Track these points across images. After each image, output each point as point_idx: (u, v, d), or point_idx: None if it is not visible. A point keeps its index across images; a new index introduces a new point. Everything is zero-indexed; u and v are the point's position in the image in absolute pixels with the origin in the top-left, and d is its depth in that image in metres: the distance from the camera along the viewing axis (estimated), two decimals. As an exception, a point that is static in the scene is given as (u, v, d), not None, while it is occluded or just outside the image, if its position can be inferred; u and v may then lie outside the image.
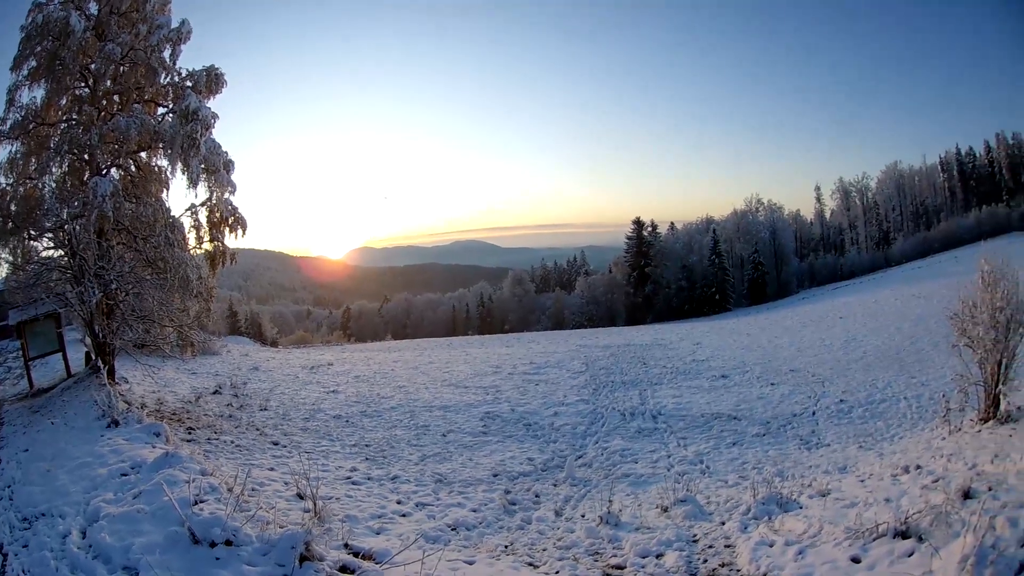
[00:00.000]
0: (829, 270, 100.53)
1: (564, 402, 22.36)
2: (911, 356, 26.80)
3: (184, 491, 8.25)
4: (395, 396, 23.28)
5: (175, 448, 11.35)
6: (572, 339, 45.27)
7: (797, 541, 8.08)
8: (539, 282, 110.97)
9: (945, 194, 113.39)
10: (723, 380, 25.83)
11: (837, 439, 17.56)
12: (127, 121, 18.71)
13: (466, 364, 31.29)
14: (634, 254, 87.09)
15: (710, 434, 18.35)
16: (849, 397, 21.81)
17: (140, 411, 14.91)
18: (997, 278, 13.54)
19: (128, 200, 19.25)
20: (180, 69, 20.50)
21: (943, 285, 38.11)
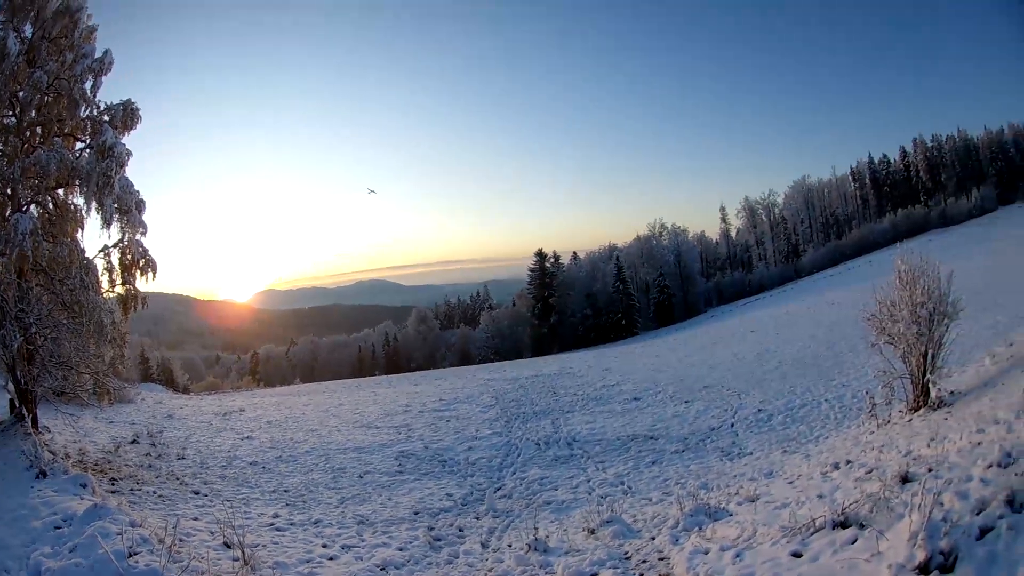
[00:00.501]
0: (737, 287, 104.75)
1: (477, 436, 22.65)
2: (828, 361, 27.79)
3: (118, 543, 8.48)
4: (308, 440, 23.41)
5: (102, 500, 11.39)
6: (480, 374, 46.07)
7: (733, 545, 7.93)
8: (443, 319, 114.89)
9: (857, 202, 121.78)
10: (636, 402, 26.47)
11: (759, 447, 17.99)
12: (47, 155, 17.55)
13: (376, 404, 31.74)
14: (537, 286, 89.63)
15: (628, 456, 18.73)
16: (767, 406, 22.47)
17: (65, 461, 14.83)
18: (916, 275, 14.21)
19: (46, 239, 18.26)
20: (99, 102, 19.42)
21: (857, 290, 39.63)
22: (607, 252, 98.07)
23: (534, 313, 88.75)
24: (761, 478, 13.88)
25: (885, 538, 6.00)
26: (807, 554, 6.85)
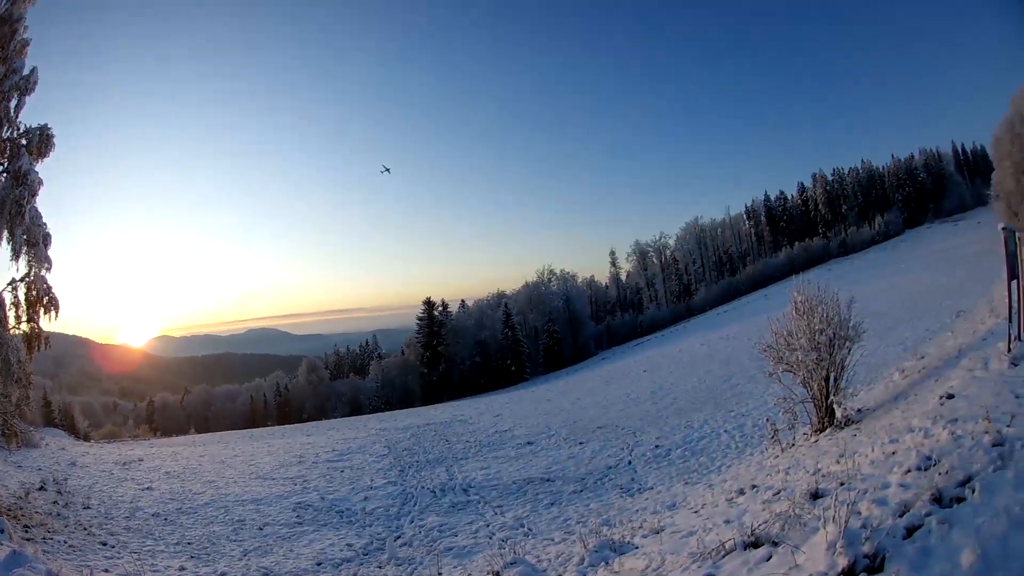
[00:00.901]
0: (628, 328, 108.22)
1: (372, 486, 22.76)
2: (726, 393, 28.50)
3: (39, 593, 8.27)
4: (207, 492, 23.28)
5: (20, 547, 11.28)
6: (371, 423, 47.10)
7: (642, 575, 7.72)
8: (333, 369, 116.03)
9: (751, 239, 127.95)
10: (529, 447, 26.73)
11: (660, 481, 18.15)
12: (-35, 179, 16.57)
13: (270, 456, 31.86)
14: (426, 334, 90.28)
15: (526, 499, 18.89)
16: (664, 441, 22.86)
17: (-21, 507, 14.55)
18: (814, 304, 14.65)
19: (-46, 271, 17.22)
20: (19, 124, 18.29)
21: (752, 323, 41.05)
22: (495, 299, 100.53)
23: (423, 362, 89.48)
24: (664, 510, 13.90)
25: (801, 551, 5.94)
26: (720, 576, 6.70)
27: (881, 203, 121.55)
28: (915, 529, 5.54)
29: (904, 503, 6.14)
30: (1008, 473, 6.08)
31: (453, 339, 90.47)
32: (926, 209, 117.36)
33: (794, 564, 5.84)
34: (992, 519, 5.20)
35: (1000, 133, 55.01)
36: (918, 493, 6.19)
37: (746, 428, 21.51)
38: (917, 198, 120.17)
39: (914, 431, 9.09)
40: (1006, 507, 5.32)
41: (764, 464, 14.75)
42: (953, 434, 7.78)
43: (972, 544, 4.92)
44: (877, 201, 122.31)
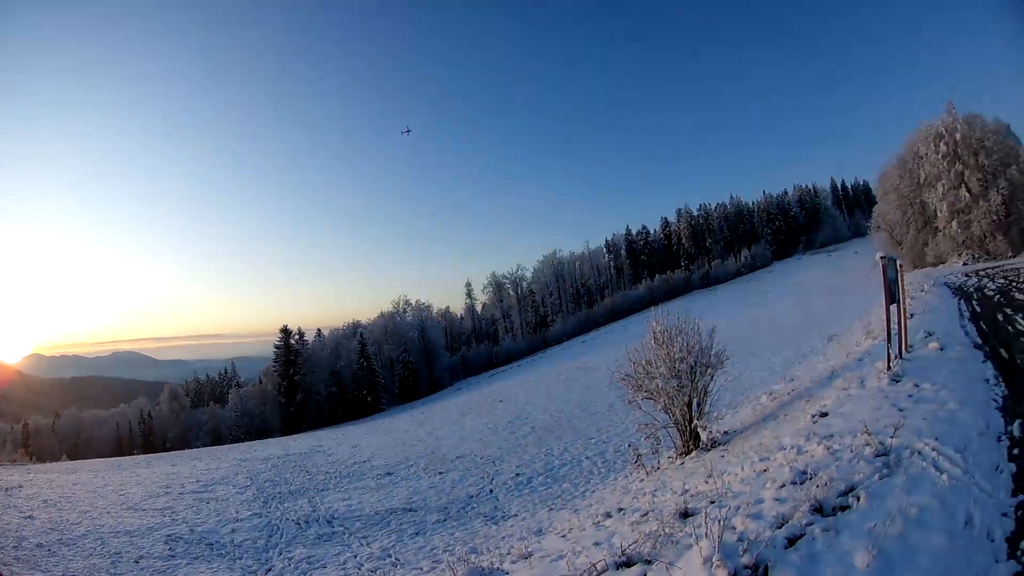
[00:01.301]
0: (483, 359, 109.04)
1: (238, 518, 22.37)
2: (584, 421, 28.95)
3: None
4: (83, 522, 22.51)
5: None
6: (232, 453, 47.04)
7: (515, 600, 7.58)
8: (194, 396, 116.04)
9: (610, 272, 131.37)
10: (389, 477, 26.73)
11: (524, 508, 18.17)
12: None
13: (138, 486, 31.04)
14: (283, 363, 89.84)
15: (390, 529, 18.82)
16: (525, 469, 22.96)
17: None
18: (674, 334, 14.98)
19: None
20: None
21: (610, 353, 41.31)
22: (351, 329, 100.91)
23: (281, 391, 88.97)
24: (531, 536, 13.81)
25: (677, 567, 5.92)
26: (593, 598, 6.62)
27: (749, 237, 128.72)
28: (797, 538, 5.67)
29: (781, 515, 6.28)
30: (898, 479, 6.36)
31: (310, 369, 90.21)
32: (797, 241, 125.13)
33: (670, 580, 5.79)
34: (886, 521, 5.40)
35: (888, 169, 59.47)
36: (796, 505, 6.35)
37: (608, 454, 21.84)
38: (788, 231, 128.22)
39: (786, 449, 9.34)
40: (900, 509, 5.58)
41: (629, 488, 14.88)
42: (829, 449, 8.07)
43: (866, 546, 5.08)
44: (745, 235, 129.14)
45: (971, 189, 51.89)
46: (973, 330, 17.57)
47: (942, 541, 5.24)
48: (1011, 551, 5.24)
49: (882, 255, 13.64)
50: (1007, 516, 5.83)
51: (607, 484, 17.74)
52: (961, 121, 53.84)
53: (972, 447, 7.53)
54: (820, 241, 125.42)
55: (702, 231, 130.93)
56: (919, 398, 10.17)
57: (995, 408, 9.40)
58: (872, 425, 8.32)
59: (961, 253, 51.97)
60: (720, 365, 15.40)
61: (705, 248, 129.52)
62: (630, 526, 9.74)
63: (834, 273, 72.67)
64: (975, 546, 5.32)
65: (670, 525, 7.50)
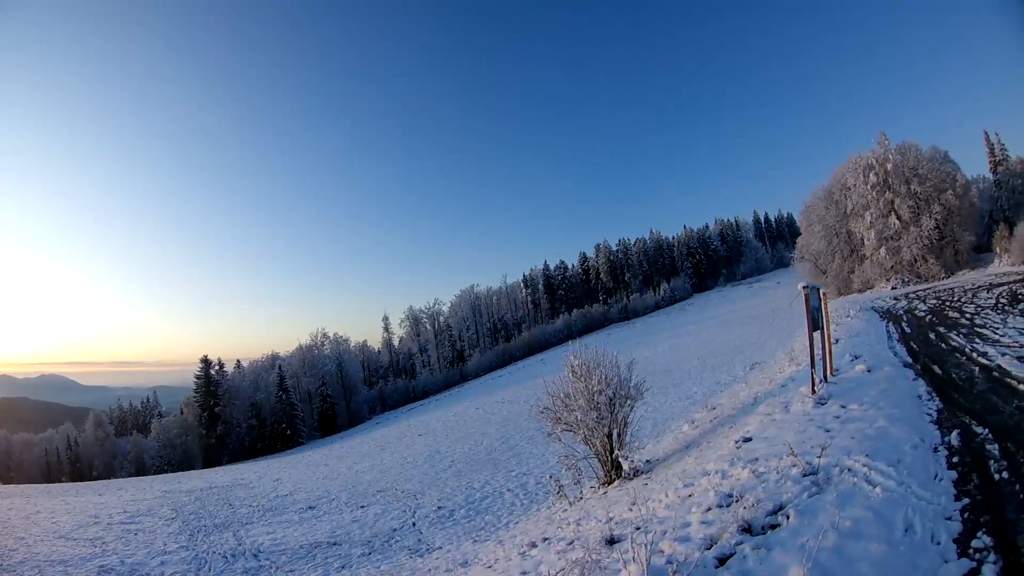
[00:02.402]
0: (401, 394, 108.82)
1: (166, 551, 21.84)
2: (505, 454, 29.00)
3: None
4: (20, 549, 22.25)
5: None
6: (156, 484, 47.01)
7: (445, 632, 7.58)
8: (118, 424, 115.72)
9: (528, 307, 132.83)
10: (311, 511, 26.52)
11: (448, 540, 18.07)
12: None
13: (68, 515, 30.46)
14: (203, 394, 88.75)
15: (315, 563, 18.54)
16: (447, 502, 22.92)
17: None
18: (592, 367, 15.09)
19: None
20: None
21: (529, 387, 42.17)
22: (270, 361, 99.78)
23: (201, 422, 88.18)
24: (457, 568, 13.76)
25: (606, 594, 5.93)
26: (525, 627, 6.67)
27: (669, 270, 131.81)
28: (727, 558, 5.76)
29: (710, 537, 6.37)
30: (828, 496, 6.50)
31: (230, 400, 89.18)
32: (718, 274, 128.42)
33: (601, 606, 5.87)
34: (818, 535, 5.51)
35: (813, 200, 61.56)
36: (723, 527, 6.46)
37: (529, 486, 21.92)
38: (708, 264, 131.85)
39: (710, 474, 9.48)
40: (833, 523, 5.71)
41: (553, 518, 14.92)
42: (755, 472, 8.22)
43: (800, 560, 5.19)
44: (664, 269, 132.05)
45: (901, 216, 54.43)
46: (903, 350, 18.21)
47: (881, 549, 5.36)
48: (961, 550, 5.41)
49: (804, 284, 14.05)
50: (952, 520, 6.03)
51: (530, 515, 17.83)
52: (894, 151, 56.52)
53: (906, 460, 7.75)
54: (742, 273, 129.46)
55: (621, 266, 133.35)
56: (846, 419, 10.42)
57: (930, 422, 9.75)
58: (798, 447, 8.55)
59: (890, 278, 54.24)
60: (640, 396, 15.60)
61: (624, 282, 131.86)
62: (556, 555, 9.78)
63: (756, 303, 74.53)
64: (919, 550, 5.47)
65: (597, 552, 7.57)
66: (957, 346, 17.05)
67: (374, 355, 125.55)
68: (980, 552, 5.36)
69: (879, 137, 57.76)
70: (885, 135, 57.69)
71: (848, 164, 58.15)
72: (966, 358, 14.80)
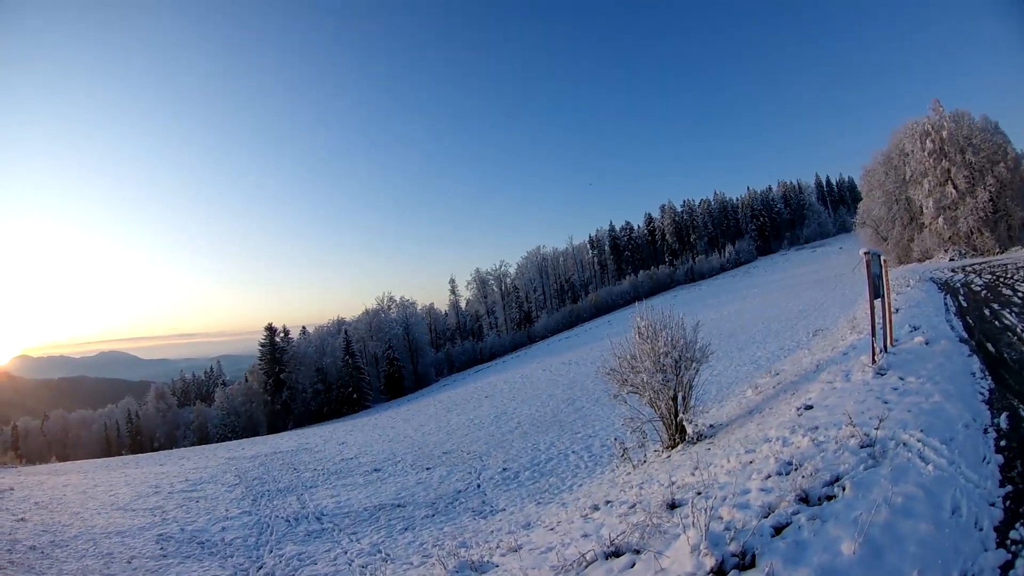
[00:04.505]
0: (468, 356, 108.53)
1: (228, 516, 22.22)
2: (571, 416, 28.91)
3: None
4: (75, 524, 22.24)
5: None
6: (220, 452, 47.09)
7: (508, 591, 7.62)
8: (180, 395, 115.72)
9: (594, 268, 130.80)
10: (376, 473, 26.66)
11: (511, 503, 18.21)
12: None
13: (127, 486, 30.66)
14: (268, 361, 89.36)
15: (379, 525, 18.73)
16: (512, 464, 23.00)
17: None
18: (658, 329, 15.06)
19: None
20: None
21: (596, 348, 41.91)
22: (336, 326, 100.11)
23: (266, 389, 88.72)
24: (519, 530, 13.85)
25: (666, 556, 5.97)
26: (585, 586, 6.67)
27: (734, 232, 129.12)
28: (783, 527, 5.76)
29: (768, 505, 6.37)
30: (883, 470, 6.44)
31: (295, 366, 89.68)
32: (782, 237, 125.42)
33: (659, 568, 5.85)
34: (872, 510, 5.48)
35: (873, 165, 59.38)
36: (781, 495, 6.45)
37: (594, 448, 21.89)
38: (772, 227, 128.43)
39: (771, 441, 9.42)
40: (886, 498, 5.66)
41: (616, 481, 14.95)
42: (815, 440, 8.15)
43: (852, 534, 5.17)
44: (729, 230, 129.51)
45: (958, 186, 52.21)
46: (959, 324, 17.69)
47: (929, 529, 5.31)
48: (1000, 540, 5.33)
49: (866, 250, 13.71)
50: (995, 506, 5.92)
51: (594, 478, 17.88)
52: (948, 118, 53.88)
53: (958, 439, 7.62)
54: (805, 237, 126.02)
55: (686, 227, 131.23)
56: (904, 391, 10.25)
57: (981, 401, 9.50)
58: (857, 417, 8.47)
59: (947, 249, 52.44)
60: (705, 359, 15.52)
61: (689, 244, 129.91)
62: (618, 518, 9.81)
63: (819, 268, 72.96)
64: (963, 534, 5.40)
65: (658, 516, 7.56)
66: (1009, 324, 16.52)
67: (441, 318, 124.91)
68: (1016, 544, 5.27)
69: (933, 104, 55.04)
70: (939, 102, 54.82)
71: (905, 129, 55.67)
72: (1017, 338, 14.41)
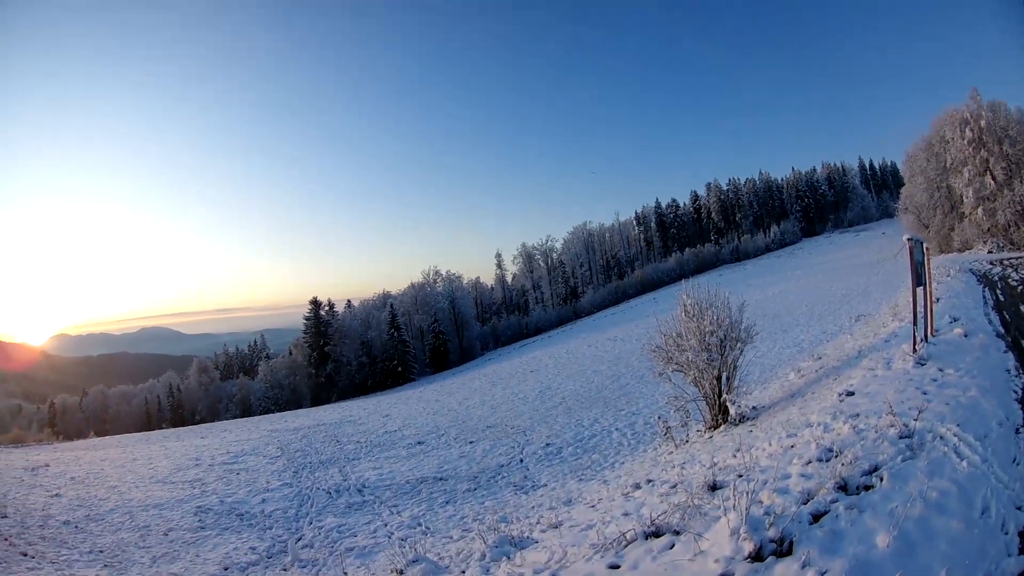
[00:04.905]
0: (513, 330, 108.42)
1: (268, 488, 22.48)
2: (615, 393, 28.99)
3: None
4: (111, 498, 22.40)
5: None
6: (262, 424, 47.30)
7: (545, 568, 7.64)
8: (223, 369, 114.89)
9: (640, 245, 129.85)
10: (420, 446, 26.81)
11: (553, 478, 18.29)
12: None
13: (167, 459, 30.85)
14: (313, 334, 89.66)
15: (420, 498, 18.89)
16: (555, 439, 23.09)
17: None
18: (704, 307, 15.09)
19: None
20: None
21: (641, 325, 41.69)
22: (381, 300, 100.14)
23: (311, 362, 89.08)
24: (560, 506, 13.92)
25: (705, 539, 6.01)
26: (625, 564, 6.68)
27: (779, 213, 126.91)
28: (821, 515, 5.76)
29: (807, 491, 6.36)
30: (920, 462, 6.42)
31: (340, 339, 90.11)
32: (826, 220, 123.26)
33: (698, 550, 5.90)
34: (907, 503, 5.47)
35: (915, 151, 58.03)
36: (821, 482, 6.44)
37: (637, 426, 21.93)
38: (816, 209, 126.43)
39: (813, 426, 9.40)
40: (921, 492, 5.64)
41: (658, 460, 15.00)
42: (855, 428, 8.13)
43: (887, 527, 5.17)
44: (774, 211, 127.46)
45: (996, 177, 51.07)
46: (996, 319, 17.45)
47: (960, 527, 5.27)
48: (1023, 546, 5.26)
49: (909, 237, 13.54)
50: (1021, 510, 5.86)
51: (636, 456, 17.90)
52: (985, 108, 52.82)
53: (992, 436, 7.54)
54: (848, 220, 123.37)
55: (731, 206, 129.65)
56: (943, 383, 10.18)
57: (1015, 400, 9.40)
58: (897, 407, 8.41)
59: (986, 241, 51.23)
60: (750, 340, 15.54)
61: (735, 223, 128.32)
62: (659, 497, 9.87)
63: (862, 252, 71.90)
64: (989, 536, 5.35)
65: (699, 497, 7.60)
66: (1042, 322, 16.26)
67: (487, 292, 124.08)
68: (1036, 553, 5.25)
69: (971, 92, 53.39)
70: (977, 91, 53.39)
71: (945, 116, 53.91)
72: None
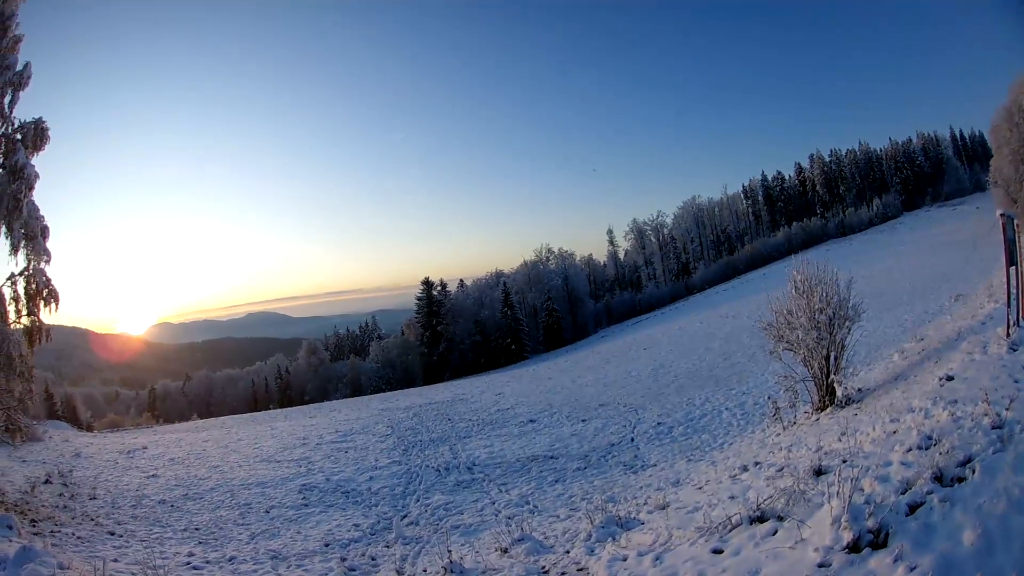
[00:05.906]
0: (626, 306, 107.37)
1: (377, 466, 22.62)
2: (726, 371, 28.64)
3: (55, 587, 8.39)
4: (212, 477, 23.04)
5: (29, 541, 11.47)
6: (373, 404, 46.96)
7: (650, 550, 7.82)
8: (333, 350, 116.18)
9: (749, 219, 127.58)
10: (532, 424, 26.71)
11: (663, 458, 18.19)
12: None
13: (273, 439, 31.49)
14: (425, 314, 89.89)
15: (530, 476, 18.82)
16: (666, 419, 22.91)
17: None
18: (814, 284, 14.90)
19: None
20: (14, 119, 18.07)
21: (752, 302, 41.02)
22: (494, 279, 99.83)
23: (423, 342, 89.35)
24: (668, 487, 13.92)
25: (807, 526, 6.09)
26: (728, 549, 6.82)
27: (879, 186, 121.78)
28: (917, 507, 5.72)
29: (906, 481, 6.32)
30: (1007, 455, 6.26)
31: (452, 319, 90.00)
32: (924, 192, 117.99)
33: (800, 538, 5.99)
34: (992, 499, 5.39)
35: (998, 121, 54.50)
36: (919, 472, 6.38)
37: (747, 406, 21.63)
38: (915, 181, 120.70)
39: (914, 411, 9.27)
40: (1006, 488, 5.52)
41: (766, 442, 14.92)
42: (953, 415, 7.97)
43: (973, 523, 5.11)
44: (875, 183, 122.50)
45: None
46: None
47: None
48: None
49: (1002, 212, 13.07)
50: None
51: (744, 436, 17.75)
52: None
53: None
54: (945, 194, 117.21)
55: (835, 178, 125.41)
56: (1034, 371, 9.80)
57: None
58: (992, 394, 8.15)
59: None
60: (857, 318, 15.24)
61: (839, 195, 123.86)
62: (765, 481, 9.94)
63: (961, 227, 67.58)
64: None
65: (804, 482, 7.64)
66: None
67: (599, 268, 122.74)
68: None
69: None
70: None
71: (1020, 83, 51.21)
72: None
